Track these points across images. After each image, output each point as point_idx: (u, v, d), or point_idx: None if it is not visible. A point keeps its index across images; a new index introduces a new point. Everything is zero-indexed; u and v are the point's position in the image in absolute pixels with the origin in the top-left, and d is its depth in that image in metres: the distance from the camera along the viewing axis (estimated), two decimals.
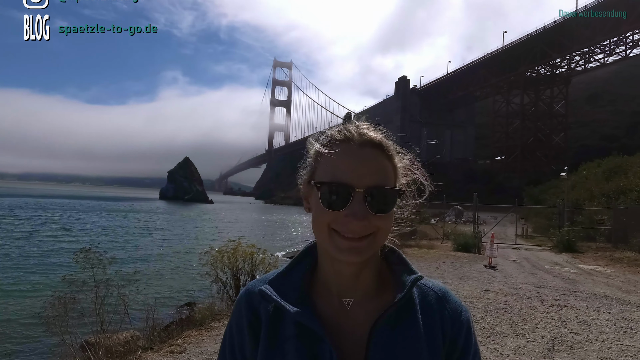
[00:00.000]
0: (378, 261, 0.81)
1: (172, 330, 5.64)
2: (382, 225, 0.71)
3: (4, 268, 13.73)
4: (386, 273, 0.82)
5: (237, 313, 0.81)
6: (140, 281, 10.70)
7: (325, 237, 0.73)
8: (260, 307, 0.78)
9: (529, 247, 16.54)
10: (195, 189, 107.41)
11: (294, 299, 0.76)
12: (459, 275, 9.20)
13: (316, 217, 0.73)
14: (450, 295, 0.83)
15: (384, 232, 0.73)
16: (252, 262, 7.29)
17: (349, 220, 0.69)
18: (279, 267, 4.76)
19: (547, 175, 48.74)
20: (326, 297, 0.79)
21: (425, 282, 0.83)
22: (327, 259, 0.78)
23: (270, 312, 0.77)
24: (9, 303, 9.72)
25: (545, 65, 75.43)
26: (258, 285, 0.80)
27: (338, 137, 0.75)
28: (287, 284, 0.79)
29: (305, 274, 0.81)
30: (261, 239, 23.59)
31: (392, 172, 0.75)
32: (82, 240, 19.59)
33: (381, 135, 0.76)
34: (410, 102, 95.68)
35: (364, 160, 0.71)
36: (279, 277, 0.81)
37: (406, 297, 0.76)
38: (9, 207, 46.73)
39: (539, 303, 6.77)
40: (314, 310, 0.76)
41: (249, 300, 0.80)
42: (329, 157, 0.73)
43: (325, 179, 0.72)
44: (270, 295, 0.76)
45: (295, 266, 0.83)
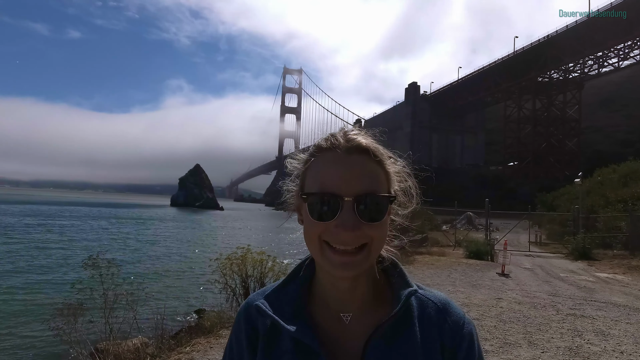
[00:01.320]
0: (375, 273, 0.78)
1: (180, 338, 5.61)
2: (375, 234, 0.68)
3: (14, 275, 13.90)
4: (384, 286, 0.79)
5: (237, 327, 0.81)
6: (150, 288, 10.75)
7: (317, 251, 0.70)
8: (258, 321, 0.78)
9: (543, 254, 16.24)
10: (206, 196, 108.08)
11: (289, 314, 0.75)
12: (471, 283, 9.04)
13: (307, 229, 0.71)
14: (451, 307, 0.78)
15: (379, 241, 0.70)
16: (262, 269, 7.26)
17: (339, 230, 0.66)
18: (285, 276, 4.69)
19: (560, 181, 48.08)
20: (323, 311, 0.77)
21: (425, 293, 0.79)
22: (323, 272, 0.76)
23: (267, 327, 0.76)
24: (18, 310, 9.81)
25: (558, 70, 74.79)
26: (256, 299, 0.79)
27: (324, 145, 0.72)
28: (283, 298, 0.78)
29: (302, 287, 0.79)
30: (270, 245, 23.57)
31: (384, 177, 0.71)
32: (92, 248, 19.76)
33: (370, 139, 0.72)
34: (420, 107, 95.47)
35: (351, 167, 0.68)
36: (276, 291, 0.80)
37: (401, 311, 0.73)
38: (20, 214, 47.55)
39: (554, 312, 6.61)
40: (310, 324, 0.74)
41: (247, 315, 0.80)
42: (316, 167, 0.70)
43: (312, 190, 0.69)
44: (266, 310, 0.75)
45: (292, 279, 0.81)
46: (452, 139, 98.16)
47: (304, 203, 0.70)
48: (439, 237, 18.69)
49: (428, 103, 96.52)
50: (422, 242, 15.63)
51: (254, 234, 34.98)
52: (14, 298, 10.83)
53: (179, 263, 17.81)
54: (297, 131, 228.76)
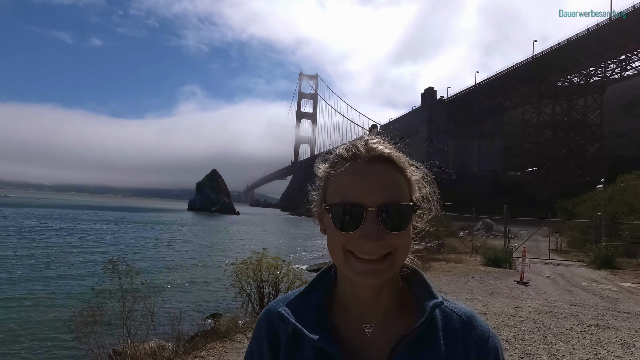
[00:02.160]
0: (398, 282, 0.77)
1: (196, 342, 5.65)
2: (399, 243, 0.68)
3: (35, 277, 14.26)
4: (407, 295, 0.78)
5: (257, 334, 0.81)
6: (167, 292, 10.90)
7: (341, 260, 0.70)
8: (279, 328, 0.78)
9: (564, 262, 15.84)
10: (223, 201, 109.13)
11: (311, 322, 0.74)
12: (489, 291, 8.88)
13: (330, 239, 0.71)
14: (476, 320, 0.77)
15: (403, 250, 0.70)
16: (277, 274, 7.28)
17: (363, 241, 0.66)
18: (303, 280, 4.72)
19: (582, 187, 46.85)
20: (345, 320, 0.77)
21: (449, 305, 0.78)
22: (345, 281, 0.75)
23: (289, 334, 0.76)
24: (39, 311, 10.05)
25: (578, 74, 73.25)
26: (277, 306, 0.79)
27: (345, 155, 0.72)
28: (305, 305, 0.77)
29: (324, 295, 0.79)
30: (286, 250, 23.66)
31: (406, 185, 0.71)
32: (111, 251, 20.18)
33: (391, 148, 0.72)
34: (437, 113, 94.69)
35: (374, 177, 0.68)
36: (298, 298, 0.79)
37: (425, 323, 0.72)
38: (43, 217, 48.84)
39: (576, 322, 6.43)
40: (332, 333, 0.74)
41: (268, 321, 0.80)
42: (337, 177, 0.71)
43: (335, 200, 0.69)
44: (288, 318, 0.75)
45: (314, 287, 0.81)
46: (469, 145, 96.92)
47: (327, 214, 0.70)
48: (456, 243, 18.42)
49: (445, 108, 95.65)
50: (439, 249, 15.44)
51: (269, 239, 35.13)
52: (34, 300, 11.10)
53: (195, 267, 18.00)
54: (313, 136, 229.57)
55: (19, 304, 10.65)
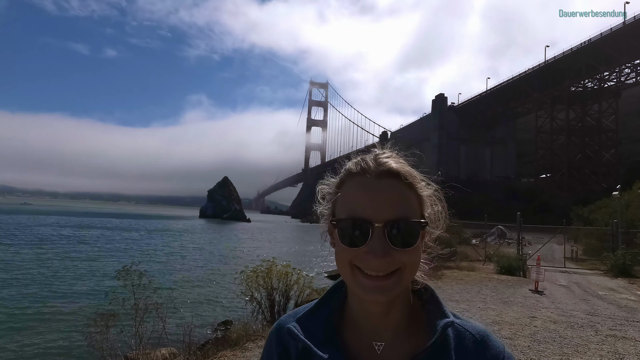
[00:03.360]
0: (409, 299, 0.76)
1: (207, 350, 5.66)
2: (407, 260, 0.67)
3: (49, 284, 14.47)
4: (419, 313, 0.77)
5: (269, 348, 0.81)
6: (178, 299, 10.96)
7: (348, 275, 0.69)
8: (290, 344, 0.77)
9: (580, 270, 15.52)
10: (234, 208, 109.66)
11: (321, 339, 0.74)
12: (503, 300, 8.73)
13: (338, 254, 0.70)
14: (491, 340, 0.74)
15: (411, 267, 0.68)
16: (287, 282, 7.27)
17: (369, 257, 0.65)
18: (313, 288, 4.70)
19: (597, 193, 45.99)
20: (356, 337, 0.76)
21: (463, 323, 0.75)
22: (355, 297, 0.74)
23: (299, 350, 0.75)
24: (53, 318, 10.18)
25: (592, 79, 72.31)
26: (288, 322, 0.78)
27: (354, 170, 0.71)
28: (315, 321, 0.77)
29: (334, 311, 0.78)
30: (296, 258, 23.61)
31: (416, 201, 0.70)
32: (124, 259, 20.36)
33: (401, 163, 0.71)
34: (448, 119, 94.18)
35: (382, 192, 0.67)
36: (308, 314, 0.79)
37: (437, 343, 0.70)
38: (59, 225, 49.64)
39: (593, 333, 6.28)
40: (343, 351, 0.73)
41: (279, 336, 0.79)
42: (346, 192, 0.70)
43: (343, 215, 0.69)
44: (298, 334, 0.74)
45: (324, 303, 0.80)
46: (481, 151, 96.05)
47: (335, 228, 0.70)
48: (469, 251, 18.19)
49: (456, 114, 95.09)
50: (451, 257, 15.26)
51: (279, 246, 35.12)
52: (48, 307, 11.25)
53: (206, 275, 18.07)
54: (323, 144, 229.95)
55: (33, 310, 10.81)
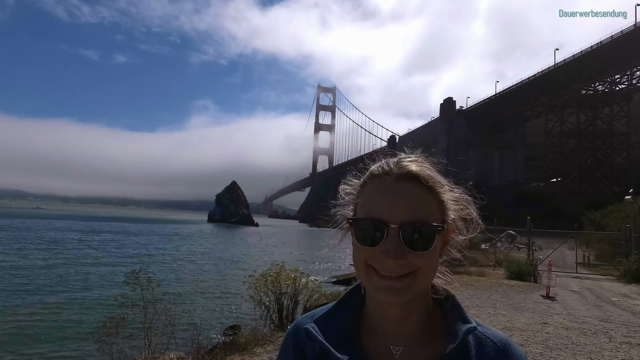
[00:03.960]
0: (429, 305, 0.75)
1: (216, 354, 5.66)
2: (422, 263, 0.67)
3: (59, 288, 14.62)
4: (438, 319, 0.76)
5: (285, 349, 0.81)
6: (187, 303, 11.01)
7: (363, 275, 0.70)
8: (306, 345, 0.77)
9: (592, 276, 15.28)
10: (242, 212, 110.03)
11: (338, 341, 0.73)
12: (514, 306, 8.61)
13: (354, 253, 0.71)
14: (512, 348, 0.73)
15: (427, 271, 0.68)
16: (295, 286, 7.26)
17: (383, 257, 0.66)
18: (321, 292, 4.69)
19: (609, 198, 45.33)
20: (373, 340, 0.75)
21: (484, 331, 0.74)
22: (372, 299, 0.74)
23: (316, 352, 0.75)
24: (63, 322, 10.26)
25: (603, 82, 71.50)
26: (305, 323, 0.78)
27: (376, 172, 0.73)
28: (332, 324, 0.77)
29: (352, 313, 0.78)
30: (304, 262, 23.59)
31: (436, 205, 0.70)
32: (133, 263, 20.53)
33: (423, 166, 0.72)
34: (456, 123, 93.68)
35: (400, 194, 0.68)
36: (325, 316, 0.78)
37: (457, 349, 0.69)
38: (68, 229, 50.20)
39: (606, 340, 6.16)
40: (360, 354, 0.73)
41: (295, 337, 0.79)
42: (366, 193, 0.72)
43: (362, 216, 0.70)
44: (316, 335, 0.74)
45: (342, 305, 0.79)
46: (490, 155, 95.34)
47: (352, 227, 0.71)
48: (478, 256, 18.01)
49: (464, 118, 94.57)
50: (460, 261, 15.09)
51: (287, 251, 35.13)
52: (58, 310, 11.35)
53: (214, 279, 18.12)
54: (331, 148, 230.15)
55: (43, 313, 10.92)
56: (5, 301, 12.16)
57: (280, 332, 6.37)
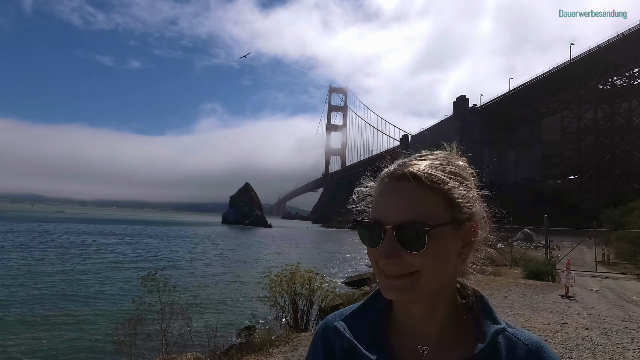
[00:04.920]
0: (455, 305, 0.74)
1: (232, 355, 5.71)
2: (421, 263, 0.65)
3: (78, 289, 14.91)
4: (468, 319, 0.74)
5: (314, 347, 0.82)
6: (203, 305, 11.11)
7: (376, 273, 0.71)
8: (335, 343, 0.78)
9: (612, 275, 14.94)
10: (255, 214, 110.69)
11: (366, 339, 0.74)
12: (531, 306, 8.48)
13: (368, 253, 0.73)
14: (545, 351, 0.71)
15: (430, 271, 0.66)
16: (310, 287, 7.27)
17: (381, 258, 0.67)
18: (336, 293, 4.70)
19: (629, 195, 44.25)
20: (401, 340, 0.75)
21: (515, 332, 0.72)
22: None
23: (345, 349, 0.76)
24: (82, 323, 10.46)
25: (621, 77, 69.89)
26: (334, 320, 0.79)
27: (382, 174, 0.74)
28: (361, 322, 0.77)
29: (381, 312, 0.78)
30: (319, 263, 23.59)
31: (441, 204, 0.67)
32: (149, 266, 20.79)
33: (426, 165, 0.70)
34: (470, 121, 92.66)
35: (398, 195, 0.68)
36: (354, 314, 0.79)
37: (486, 350, 0.68)
38: (88, 232, 51.19)
39: (629, 340, 6.01)
40: (388, 352, 0.73)
41: (325, 335, 0.80)
42: (375, 195, 0.73)
43: (368, 218, 0.72)
44: (344, 333, 0.75)
45: (371, 304, 0.80)
46: (505, 153, 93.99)
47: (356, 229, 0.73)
48: (494, 255, 17.76)
49: (478, 116, 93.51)
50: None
51: (301, 252, 35.19)
52: (77, 311, 11.58)
53: (229, 280, 18.26)
54: (343, 149, 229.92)
55: (62, 315, 11.14)
56: (25, 302, 12.46)
57: (296, 333, 6.38)
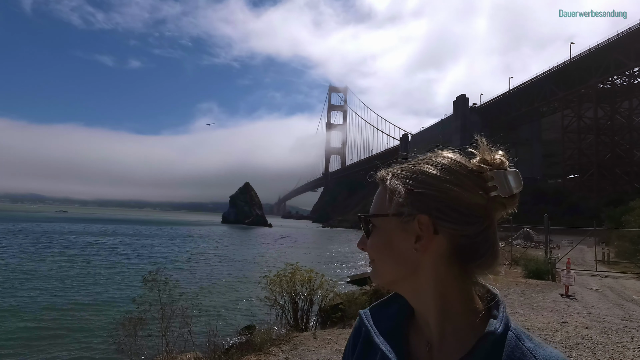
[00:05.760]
0: (468, 304, 0.72)
1: (232, 354, 5.71)
2: (371, 252, 0.74)
3: (78, 290, 14.92)
4: (478, 319, 0.72)
5: (352, 330, 0.87)
6: (203, 304, 11.11)
7: None
8: (361, 328, 0.82)
9: (612, 274, 14.93)
10: (255, 213, 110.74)
11: (385, 329, 0.77)
12: (532, 305, 8.48)
13: None
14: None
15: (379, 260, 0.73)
16: (310, 286, 7.27)
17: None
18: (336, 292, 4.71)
19: (630, 194, 44.19)
20: (417, 335, 0.76)
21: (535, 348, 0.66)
22: None
23: (365, 335, 0.80)
24: (82, 322, 10.47)
25: (621, 75, 69.83)
26: (365, 309, 0.85)
27: None
28: (385, 313, 0.81)
29: (404, 306, 0.79)
30: (319, 262, 23.60)
31: (384, 198, 0.73)
32: (149, 265, 20.81)
33: (388, 170, 0.75)
34: (470, 121, 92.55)
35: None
36: (380, 305, 0.83)
37: (485, 350, 0.65)
38: (89, 232, 51.21)
39: (628, 339, 6.02)
40: (400, 344, 0.75)
41: (357, 323, 0.85)
42: None
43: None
44: (364, 319, 0.80)
45: (397, 297, 0.81)
46: (506, 152, 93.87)
47: None
48: None
49: (478, 115, 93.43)
50: None
51: (301, 251, 35.19)
52: (77, 312, 11.58)
53: (230, 280, 18.27)
54: (343, 148, 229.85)
55: (62, 315, 11.14)
56: (26, 302, 12.46)
57: (296, 332, 6.38)
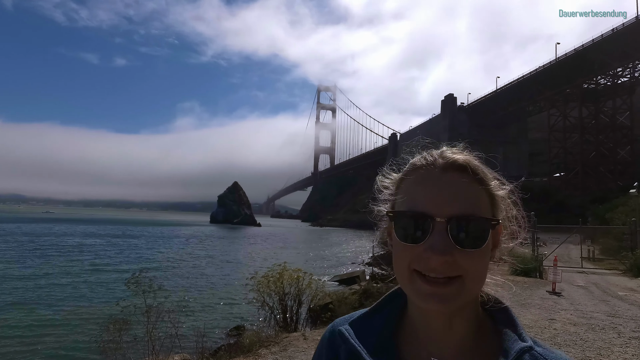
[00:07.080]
0: (478, 316, 0.67)
1: (220, 356, 5.62)
2: (470, 265, 0.59)
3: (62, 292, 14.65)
4: (490, 333, 0.67)
5: (319, 352, 0.77)
6: (190, 306, 10.98)
7: (405, 280, 0.62)
8: (340, 348, 0.71)
9: (598, 270, 15.18)
10: (244, 213, 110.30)
11: (373, 345, 0.67)
12: (520, 302, 8.54)
13: (395, 255, 0.64)
14: None
15: (475, 274, 0.60)
16: (299, 286, 7.21)
17: (428, 255, 0.58)
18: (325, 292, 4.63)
19: (614, 192, 45.03)
20: (413, 348, 0.67)
21: (543, 352, 0.63)
22: (414, 306, 0.67)
23: (349, 355, 0.69)
24: (66, 327, 10.26)
25: (605, 76, 71.20)
26: (342, 324, 0.73)
27: (418, 163, 0.66)
28: (369, 327, 0.71)
29: (391, 318, 0.71)
30: (307, 262, 23.56)
31: (487, 199, 0.62)
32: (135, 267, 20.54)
33: (471, 157, 0.66)
34: (458, 120, 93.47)
35: (447, 185, 0.61)
36: (362, 318, 0.73)
37: None
38: (74, 233, 50.36)
39: (615, 335, 6.08)
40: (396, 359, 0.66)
41: (331, 339, 0.74)
42: (408, 186, 0.65)
43: (402, 209, 0.63)
44: (348, 338, 0.69)
45: (381, 308, 0.73)
46: (493, 151, 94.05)
47: (391, 223, 0.64)
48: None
49: (466, 114, 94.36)
50: None
51: (290, 251, 35.13)
52: (62, 314, 11.37)
53: (217, 281, 18.12)
54: (332, 146, 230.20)
55: (46, 318, 10.94)
56: (8, 306, 12.17)
57: (285, 333, 6.32)
